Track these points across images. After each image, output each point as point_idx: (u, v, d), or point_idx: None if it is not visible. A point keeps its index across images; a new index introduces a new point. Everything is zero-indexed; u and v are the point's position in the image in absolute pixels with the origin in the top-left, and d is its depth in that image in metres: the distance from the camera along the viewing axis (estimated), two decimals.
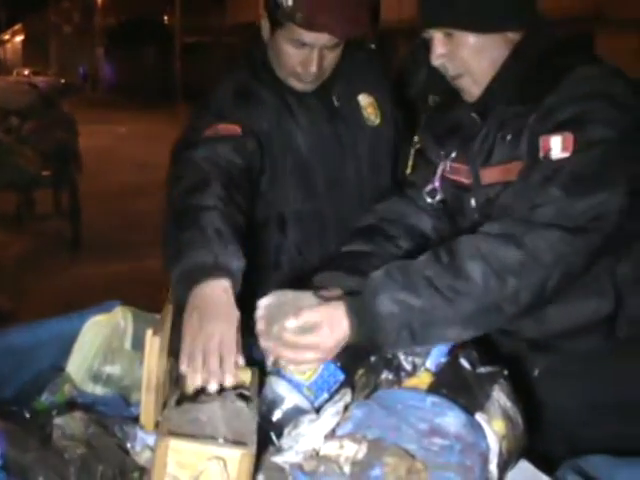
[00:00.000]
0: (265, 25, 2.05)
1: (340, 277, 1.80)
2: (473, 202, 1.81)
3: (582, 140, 1.55)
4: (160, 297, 1.68)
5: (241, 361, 1.51)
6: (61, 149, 7.48)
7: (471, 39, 1.68)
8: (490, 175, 1.75)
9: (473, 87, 1.75)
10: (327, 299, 1.61)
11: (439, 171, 1.89)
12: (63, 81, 31.01)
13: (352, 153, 2.19)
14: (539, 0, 1.75)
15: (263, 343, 1.56)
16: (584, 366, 1.75)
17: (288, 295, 1.62)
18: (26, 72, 34.05)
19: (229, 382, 1.46)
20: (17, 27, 50.14)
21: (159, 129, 16.77)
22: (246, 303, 1.61)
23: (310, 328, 1.52)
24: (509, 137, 1.70)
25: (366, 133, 2.21)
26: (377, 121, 2.23)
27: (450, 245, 1.57)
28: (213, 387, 1.45)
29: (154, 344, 1.47)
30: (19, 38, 51.99)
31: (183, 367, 1.48)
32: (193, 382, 1.47)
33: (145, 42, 34.13)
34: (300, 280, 1.86)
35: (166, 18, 35.08)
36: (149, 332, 1.48)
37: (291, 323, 1.52)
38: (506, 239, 1.53)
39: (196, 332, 1.50)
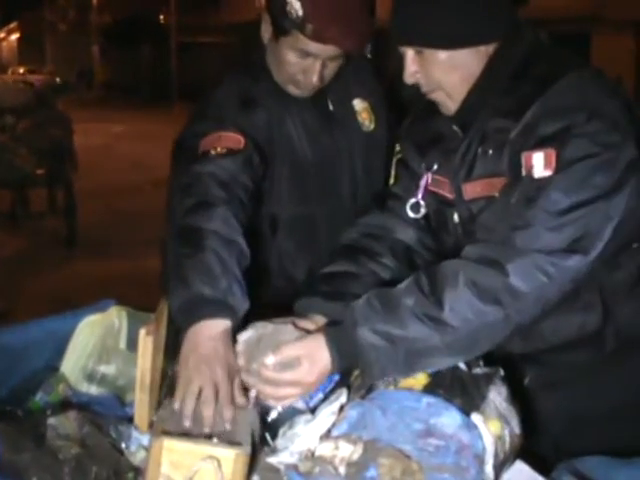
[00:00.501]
0: (267, 29, 2.01)
1: (319, 303, 1.75)
2: (456, 217, 1.77)
3: (563, 158, 1.51)
4: (155, 296, 1.68)
5: (244, 402, 1.51)
6: (56, 147, 7.45)
7: (442, 56, 1.64)
8: (473, 190, 1.70)
9: (448, 101, 1.71)
10: (307, 332, 1.59)
11: (422, 183, 1.84)
12: (59, 79, 30.99)
13: (347, 158, 2.18)
14: (537, 0, 1.72)
15: (244, 378, 1.54)
16: (572, 377, 1.74)
17: (268, 328, 1.60)
18: (21, 70, 34.00)
19: (227, 427, 1.44)
20: (12, 25, 50.05)
21: (155, 128, 16.76)
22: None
23: (290, 364, 1.51)
24: (491, 151, 1.66)
25: (361, 138, 2.20)
26: (371, 126, 2.22)
27: (431, 272, 1.55)
28: (207, 430, 1.43)
29: (147, 344, 1.46)
30: (14, 36, 51.91)
31: (176, 405, 1.46)
32: (185, 425, 1.43)
33: (141, 41, 34.10)
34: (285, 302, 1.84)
35: (162, 17, 35.02)
36: (142, 332, 1.47)
37: (270, 360, 1.51)
38: (488, 264, 1.50)
39: (191, 376, 1.48)
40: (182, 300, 1.57)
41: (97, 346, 1.74)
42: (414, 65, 1.67)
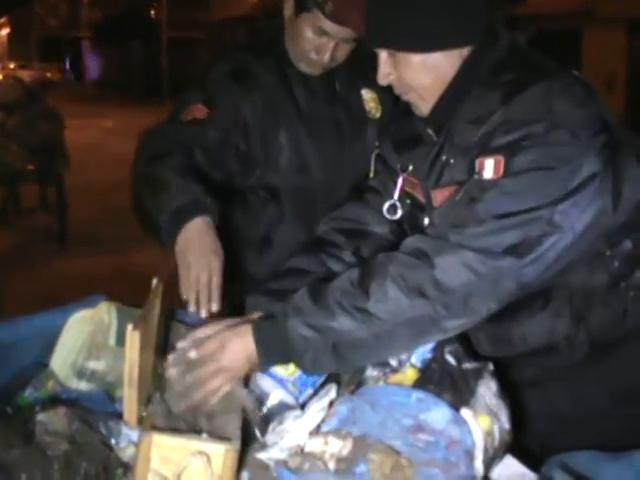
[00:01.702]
0: (289, 5, 2.11)
1: (264, 302, 1.82)
2: (426, 221, 1.78)
3: (512, 165, 1.49)
4: (145, 291, 1.67)
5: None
6: (47, 143, 7.42)
7: (414, 58, 1.64)
8: (441, 196, 1.70)
9: (421, 103, 1.71)
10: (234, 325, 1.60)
11: (398, 183, 1.85)
12: (49, 75, 30.86)
13: (349, 141, 2.23)
14: None
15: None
16: (549, 377, 1.75)
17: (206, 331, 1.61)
18: (12, 66, 33.86)
19: (215, 309, 1.68)
20: (2, 20, 49.86)
21: (145, 123, 16.65)
22: (233, 276, 1.82)
23: (212, 356, 1.53)
24: (454, 160, 1.65)
25: (367, 125, 2.25)
26: (377, 114, 2.27)
27: (365, 264, 1.57)
28: (203, 314, 1.68)
29: (135, 339, 1.46)
30: (5, 31, 51.72)
31: (183, 295, 1.69)
32: (190, 308, 1.69)
33: (131, 36, 34.01)
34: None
35: (153, 12, 34.91)
36: (129, 327, 1.47)
37: (192, 354, 1.53)
38: (417, 257, 1.50)
39: (190, 267, 1.69)
40: (166, 218, 1.78)
41: (86, 342, 1.73)
42: (387, 67, 1.68)
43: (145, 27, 33.08)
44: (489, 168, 1.52)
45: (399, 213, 1.87)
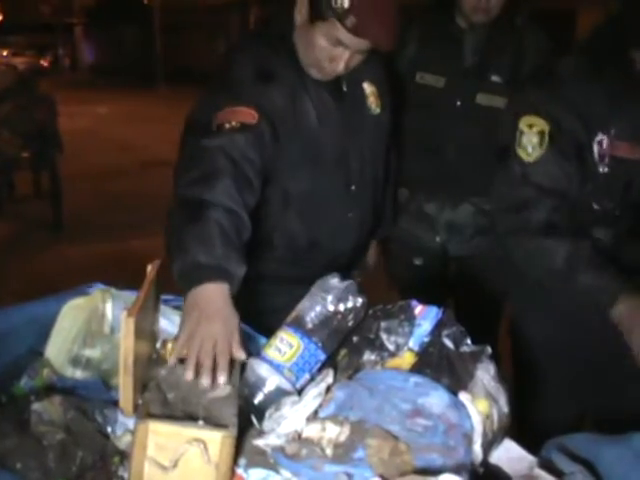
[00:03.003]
0: (302, 9, 2.00)
1: None
2: None
3: None
4: (140, 278, 1.66)
5: (242, 356, 1.53)
6: (40, 130, 7.37)
7: None
8: None
9: None
10: None
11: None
12: (42, 62, 30.74)
13: (355, 138, 2.20)
14: None
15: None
16: None
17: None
18: (4, 53, 33.70)
19: (222, 381, 1.47)
20: None
21: (140, 110, 16.67)
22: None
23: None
24: None
25: (369, 121, 2.23)
26: (377, 110, 2.25)
27: None
28: (205, 382, 1.47)
29: (130, 325, 1.45)
30: None
31: (171, 361, 1.52)
32: (185, 377, 1.48)
33: (125, 22, 33.83)
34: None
35: None
36: (124, 313, 1.46)
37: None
38: None
39: (193, 331, 1.52)
40: (181, 267, 1.61)
41: (81, 330, 1.71)
42: None
43: (138, 12, 32.89)
44: None
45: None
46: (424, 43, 2.88)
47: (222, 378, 1.47)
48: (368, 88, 2.23)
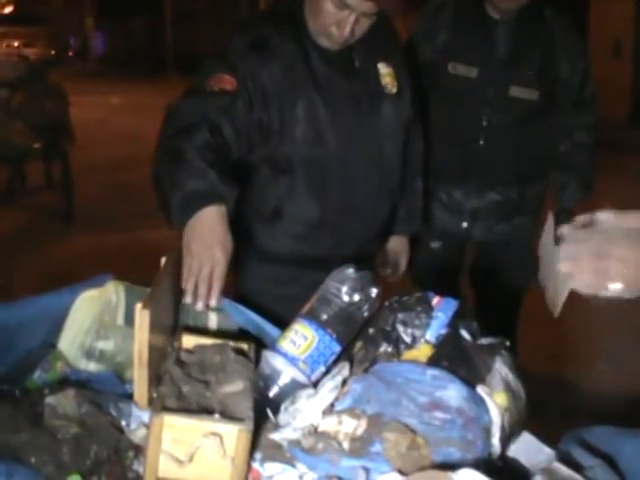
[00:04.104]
0: None
1: None
2: None
3: None
4: (153, 269, 1.65)
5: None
6: (52, 121, 7.38)
7: None
8: None
9: None
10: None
11: None
12: (54, 52, 30.73)
13: (366, 116, 2.20)
14: None
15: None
16: None
17: None
18: (16, 44, 33.72)
19: (213, 304, 1.67)
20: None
21: (151, 100, 16.59)
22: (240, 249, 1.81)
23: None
24: None
25: (384, 100, 2.23)
26: (394, 90, 2.25)
27: None
28: (199, 307, 1.66)
29: (144, 318, 1.43)
30: (8, 9, 51.51)
31: (182, 284, 1.67)
32: (186, 300, 1.67)
33: (136, 12, 33.81)
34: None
35: None
36: (138, 306, 1.44)
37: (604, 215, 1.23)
38: None
39: (194, 257, 1.68)
40: (178, 200, 1.76)
41: (95, 322, 1.70)
42: None
43: (149, 2, 32.88)
44: None
45: None
46: (456, 33, 2.90)
47: (213, 301, 1.66)
48: (384, 69, 2.24)
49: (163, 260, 1.70)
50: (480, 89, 2.93)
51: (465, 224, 3.05)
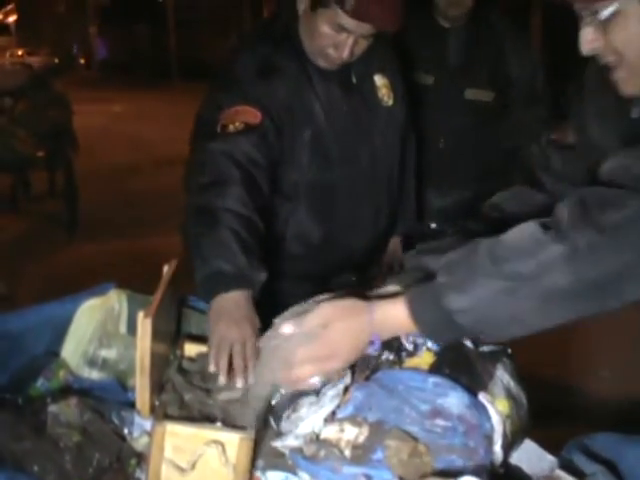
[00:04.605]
0: None
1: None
2: None
3: None
4: (156, 276, 1.66)
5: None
6: (55, 129, 7.39)
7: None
8: None
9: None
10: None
11: None
12: (57, 60, 30.80)
13: (366, 131, 2.20)
14: None
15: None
16: None
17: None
18: (20, 52, 33.81)
19: (251, 381, 1.51)
20: (9, 7, 49.75)
21: (154, 107, 16.67)
22: None
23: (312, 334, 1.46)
24: None
25: (381, 113, 2.23)
26: (390, 102, 2.25)
27: None
28: (239, 384, 1.51)
29: (146, 326, 1.44)
30: (12, 18, 51.64)
31: (211, 367, 1.54)
32: (220, 381, 1.52)
33: (139, 19, 33.89)
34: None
35: None
36: (141, 315, 1.45)
37: (287, 328, 1.48)
38: None
39: (224, 335, 1.57)
40: (203, 276, 1.69)
41: (97, 330, 1.71)
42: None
43: (152, 10, 32.95)
44: None
45: None
46: (411, 43, 2.96)
47: (252, 378, 1.51)
48: (379, 80, 2.24)
49: (165, 268, 1.70)
50: (437, 95, 3.05)
51: (433, 225, 3.12)
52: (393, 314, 1.43)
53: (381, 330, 1.45)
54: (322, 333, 1.44)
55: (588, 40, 1.37)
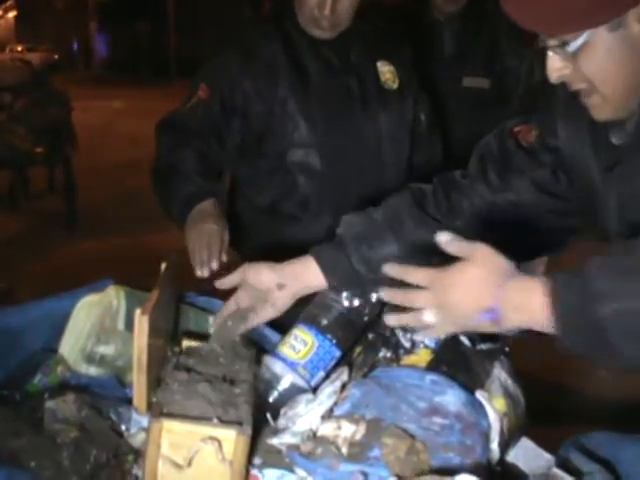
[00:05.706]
0: None
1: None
2: None
3: None
4: (155, 273, 1.65)
5: (224, 258, 1.92)
6: (54, 126, 7.38)
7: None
8: None
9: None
10: None
11: None
12: (57, 57, 30.83)
13: (361, 110, 2.27)
14: None
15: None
16: None
17: None
18: (19, 49, 33.81)
19: (214, 266, 1.88)
20: (9, 3, 49.72)
21: (154, 105, 16.62)
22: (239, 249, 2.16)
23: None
24: None
25: (382, 94, 2.30)
26: (394, 86, 2.32)
27: None
28: (204, 272, 1.88)
29: (143, 323, 1.43)
30: (11, 14, 51.62)
31: (197, 271, 1.89)
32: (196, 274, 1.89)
33: (139, 16, 33.88)
34: None
35: None
36: (138, 311, 1.45)
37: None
38: None
39: (193, 238, 1.94)
40: (177, 207, 2.08)
41: (95, 327, 1.71)
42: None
43: (152, 7, 32.94)
44: None
45: None
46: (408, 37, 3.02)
47: (214, 264, 1.88)
48: (383, 67, 2.31)
49: (163, 265, 1.70)
50: (437, 85, 3.07)
51: None
52: (527, 296, 1.22)
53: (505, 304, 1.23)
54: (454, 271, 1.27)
55: (556, 68, 1.34)
